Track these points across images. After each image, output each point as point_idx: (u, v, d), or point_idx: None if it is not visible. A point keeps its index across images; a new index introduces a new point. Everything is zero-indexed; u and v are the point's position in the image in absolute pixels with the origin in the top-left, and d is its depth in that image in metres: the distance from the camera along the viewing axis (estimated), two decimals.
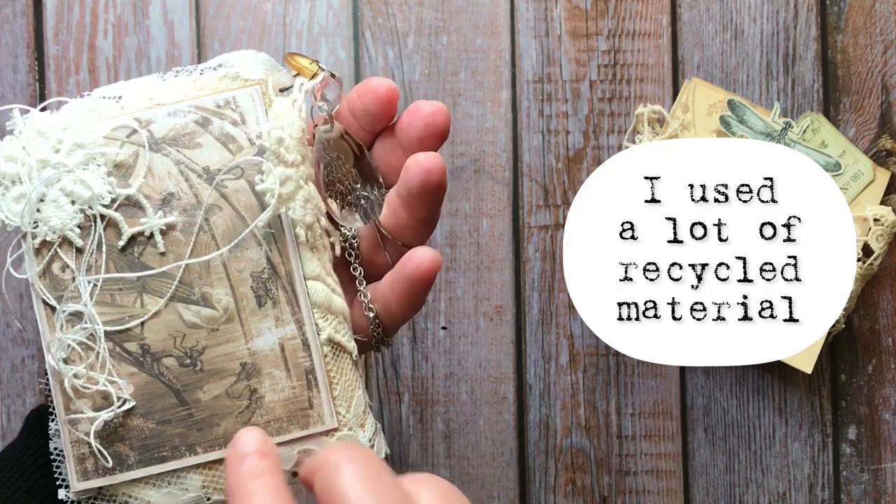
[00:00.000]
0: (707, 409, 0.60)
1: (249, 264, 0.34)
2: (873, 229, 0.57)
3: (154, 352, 0.34)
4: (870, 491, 0.60)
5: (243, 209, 0.34)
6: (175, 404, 0.34)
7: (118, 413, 0.34)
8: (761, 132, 0.58)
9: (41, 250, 0.34)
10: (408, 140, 0.35)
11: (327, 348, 0.35)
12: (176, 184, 0.34)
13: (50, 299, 0.34)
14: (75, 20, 0.59)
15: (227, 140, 0.34)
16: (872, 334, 0.60)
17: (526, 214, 0.60)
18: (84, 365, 0.33)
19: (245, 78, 0.35)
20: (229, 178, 0.34)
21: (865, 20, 0.61)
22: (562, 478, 0.59)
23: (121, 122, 0.34)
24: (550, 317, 0.60)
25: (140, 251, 0.34)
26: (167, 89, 0.35)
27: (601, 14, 0.60)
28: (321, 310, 0.35)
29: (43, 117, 0.34)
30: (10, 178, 0.34)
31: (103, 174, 0.34)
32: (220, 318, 0.34)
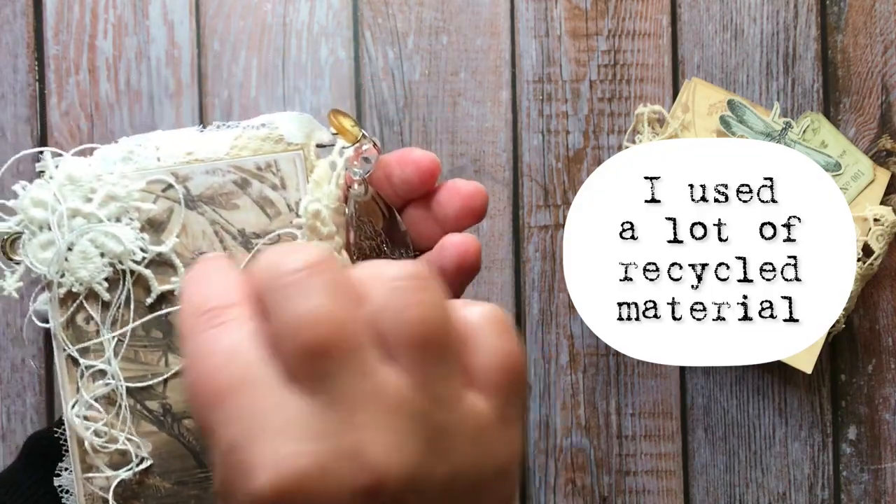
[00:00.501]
0: (707, 409, 0.60)
1: None
2: (873, 229, 0.57)
3: (175, 412, 0.33)
4: (870, 491, 0.60)
5: None
6: (193, 466, 0.34)
7: (135, 472, 0.33)
8: (761, 132, 0.58)
9: (66, 300, 0.33)
10: (443, 215, 0.35)
11: None
12: (210, 244, 0.34)
13: (72, 351, 0.33)
14: (75, 20, 0.59)
15: (266, 204, 0.34)
16: (872, 334, 0.60)
17: (526, 214, 0.60)
18: (103, 422, 0.33)
19: (288, 141, 0.34)
20: (265, 243, 0.34)
21: (865, 20, 0.61)
22: (562, 478, 0.59)
23: (157, 176, 0.34)
24: (550, 317, 0.60)
25: (168, 310, 0.33)
26: (206, 144, 0.34)
27: (601, 14, 0.60)
28: None
29: (76, 163, 0.34)
30: (38, 224, 0.33)
31: (136, 229, 0.33)
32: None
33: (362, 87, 0.59)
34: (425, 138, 0.60)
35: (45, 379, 0.58)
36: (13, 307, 0.58)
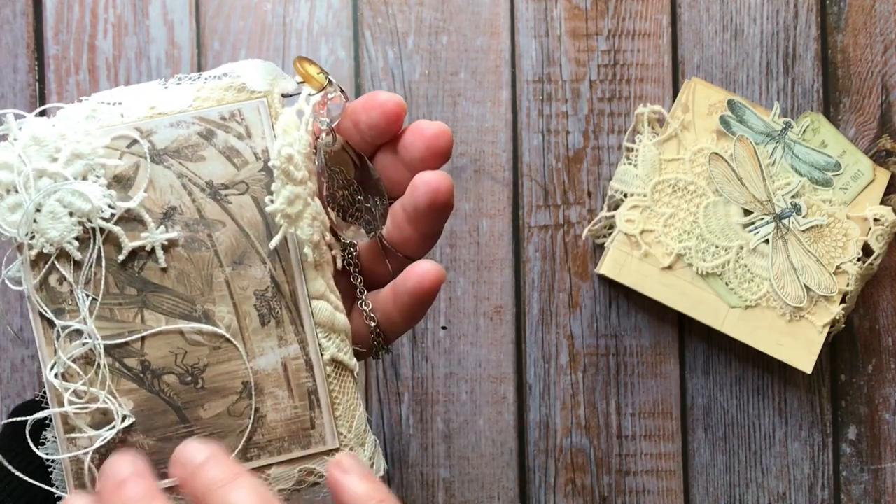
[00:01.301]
0: (707, 409, 0.60)
1: (253, 282, 0.34)
2: (873, 229, 0.57)
3: (154, 368, 0.33)
4: (870, 491, 0.60)
5: (247, 226, 0.34)
6: (176, 421, 0.34)
7: (118, 430, 0.33)
8: (761, 132, 0.58)
9: (38, 262, 0.33)
10: (409, 158, 0.35)
11: (330, 368, 0.34)
12: (178, 197, 0.33)
13: (48, 312, 0.33)
14: (75, 20, 0.59)
15: (232, 154, 0.34)
16: (872, 334, 0.60)
17: (526, 214, 0.60)
18: (83, 381, 0.33)
19: (251, 90, 0.34)
20: (233, 194, 0.34)
21: (865, 20, 0.61)
22: (562, 478, 0.59)
23: (121, 132, 0.33)
24: (550, 317, 0.60)
25: (140, 266, 0.33)
26: (169, 98, 0.34)
27: (601, 14, 0.60)
28: (324, 329, 0.34)
29: (39, 123, 0.33)
30: (5, 187, 0.33)
31: (103, 186, 0.33)
32: (223, 336, 0.34)
33: (362, 87, 0.59)
34: None
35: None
36: (13, 307, 0.58)
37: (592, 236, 0.59)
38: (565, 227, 0.60)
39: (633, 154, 0.58)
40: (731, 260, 0.57)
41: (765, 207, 0.57)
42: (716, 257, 0.57)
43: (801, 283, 0.57)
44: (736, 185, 0.57)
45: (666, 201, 0.57)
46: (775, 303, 0.57)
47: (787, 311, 0.57)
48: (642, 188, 0.57)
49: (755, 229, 0.57)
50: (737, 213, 0.57)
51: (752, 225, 0.57)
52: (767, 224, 0.57)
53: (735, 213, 0.57)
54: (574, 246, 0.60)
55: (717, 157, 0.57)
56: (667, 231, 0.57)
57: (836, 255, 0.57)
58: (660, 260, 0.57)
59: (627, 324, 0.60)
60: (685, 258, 0.57)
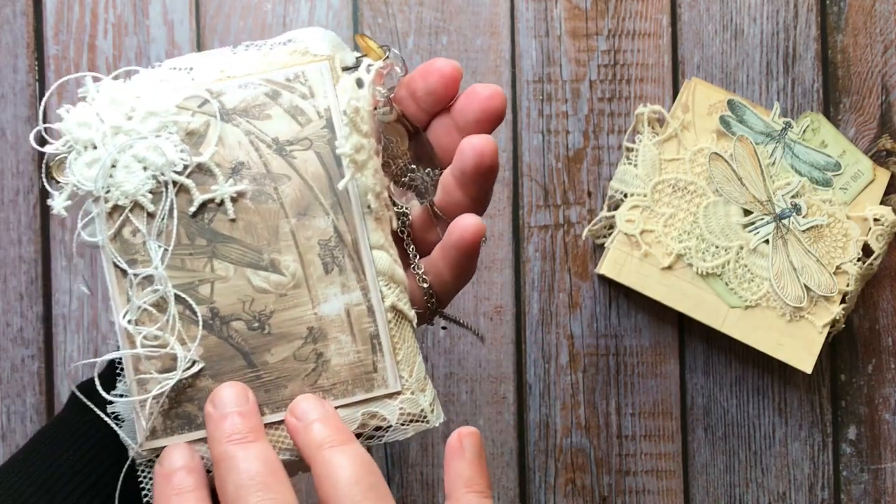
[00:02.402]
0: (707, 409, 0.60)
1: (317, 232, 0.35)
2: (873, 229, 0.57)
3: (223, 315, 0.35)
4: (870, 491, 0.60)
5: (311, 179, 0.35)
6: (243, 366, 0.35)
7: (187, 375, 0.34)
8: (761, 132, 0.58)
9: (112, 214, 0.34)
10: (464, 122, 0.36)
11: (391, 315, 0.36)
12: (246, 153, 0.35)
13: (121, 262, 0.34)
14: (75, 20, 0.59)
15: (297, 112, 0.35)
16: (872, 334, 0.60)
17: (526, 214, 0.60)
18: (155, 327, 0.34)
19: (314, 53, 0.36)
20: (298, 150, 0.35)
21: (865, 20, 0.61)
22: (562, 478, 0.59)
23: (193, 92, 0.35)
24: (550, 317, 0.60)
25: (210, 218, 0.35)
26: (237, 62, 0.36)
27: (601, 14, 0.60)
28: (385, 278, 0.36)
29: (115, 85, 0.35)
30: (83, 144, 0.34)
31: (176, 142, 0.34)
32: (288, 283, 0.35)
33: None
34: None
35: (45, 379, 0.58)
36: (13, 307, 0.58)
37: (592, 236, 0.59)
38: (565, 227, 0.60)
39: (633, 154, 0.58)
40: (731, 260, 0.57)
41: (765, 207, 0.57)
42: (716, 257, 0.57)
43: (801, 283, 0.57)
44: (736, 185, 0.57)
45: (666, 201, 0.57)
46: (775, 303, 0.57)
47: (787, 311, 0.57)
48: (642, 188, 0.57)
49: (755, 229, 0.57)
50: (737, 213, 0.57)
51: (752, 225, 0.57)
52: (767, 224, 0.57)
53: (735, 213, 0.57)
54: (574, 246, 0.60)
55: (717, 157, 0.57)
56: (667, 231, 0.57)
57: (836, 255, 0.57)
58: (660, 260, 0.57)
59: (627, 324, 0.60)
60: (685, 258, 0.57)
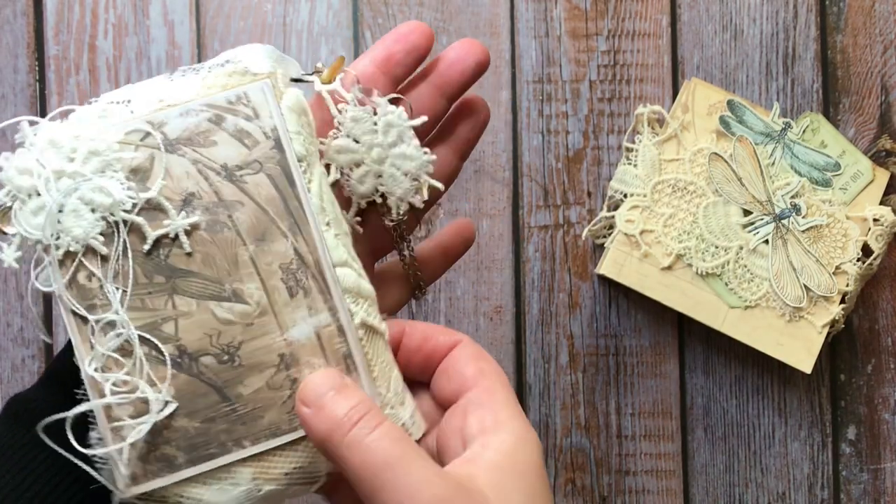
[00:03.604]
0: (707, 409, 0.60)
1: (277, 257, 0.34)
2: (873, 229, 0.57)
3: (191, 352, 0.34)
4: (869, 491, 0.60)
5: (265, 203, 0.34)
6: (217, 401, 0.34)
7: (161, 417, 0.34)
8: (761, 132, 0.58)
9: (65, 261, 0.33)
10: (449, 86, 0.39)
11: (362, 332, 0.35)
12: (195, 183, 0.34)
13: (80, 309, 0.33)
14: (75, 20, 0.59)
15: (243, 135, 0.35)
16: (872, 334, 0.60)
17: (526, 214, 0.60)
18: (123, 372, 0.33)
19: (254, 72, 0.35)
20: (248, 174, 0.34)
21: (865, 20, 0.61)
22: (562, 478, 0.59)
23: (133, 126, 0.34)
24: (550, 317, 0.60)
25: (166, 253, 0.34)
26: (176, 89, 0.35)
27: (601, 14, 0.60)
28: (352, 294, 0.35)
29: (53, 127, 0.34)
30: (27, 192, 0.33)
31: (121, 179, 0.34)
32: (254, 312, 0.34)
33: None
34: None
35: None
36: (13, 307, 0.58)
37: (592, 236, 0.59)
38: (565, 227, 0.60)
39: (633, 154, 0.58)
40: (731, 260, 0.57)
41: (764, 208, 0.57)
42: (715, 257, 0.57)
43: (800, 283, 0.57)
44: (736, 186, 0.57)
45: (666, 201, 0.57)
46: (775, 303, 0.57)
47: (787, 311, 0.57)
48: (642, 188, 0.57)
49: (755, 229, 0.57)
50: (736, 213, 0.57)
51: (751, 225, 0.57)
52: (767, 224, 0.57)
53: (735, 213, 0.57)
54: (574, 246, 0.60)
55: (716, 158, 0.57)
56: (666, 231, 0.57)
57: (836, 255, 0.57)
58: (659, 260, 0.57)
59: (627, 324, 0.60)
60: (685, 258, 0.57)
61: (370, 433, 0.32)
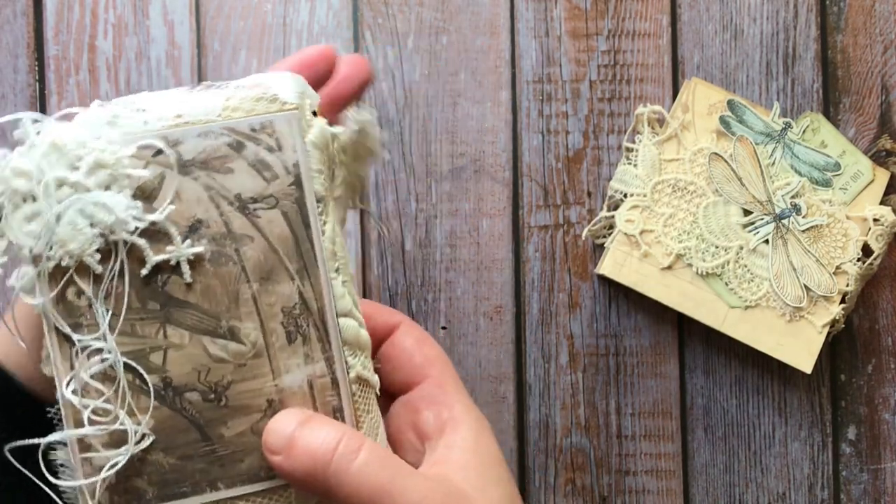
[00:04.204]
0: (707, 409, 0.60)
1: (280, 299, 0.33)
2: (873, 229, 0.57)
3: (176, 385, 0.32)
4: (869, 491, 0.60)
5: (276, 241, 0.33)
6: (197, 439, 0.33)
7: (138, 450, 0.32)
8: (761, 132, 0.58)
9: (55, 275, 0.31)
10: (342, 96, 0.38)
11: (355, 386, 0.34)
12: (205, 210, 0.32)
13: (64, 328, 0.31)
14: (75, 20, 0.59)
15: (262, 167, 0.32)
16: (872, 334, 0.60)
17: (526, 214, 0.60)
18: (102, 399, 0.32)
19: (283, 101, 0.33)
20: (262, 208, 0.32)
21: (865, 20, 0.61)
22: (561, 478, 0.59)
23: (147, 141, 0.32)
24: (550, 317, 0.60)
25: (164, 280, 0.32)
26: (196, 106, 0.33)
27: (601, 14, 0.60)
28: (350, 347, 0.34)
29: (58, 129, 0.32)
30: (22, 196, 0.31)
31: (127, 197, 0.31)
32: (248, 353, 0.33)
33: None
34: (425, 138, 0.60)
35: None
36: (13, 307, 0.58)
37: (592, 236, 0.59)
38: (565, 227, 0.60)
39: (633, 154, 0.58)
40: (731, 260, 0.57)
41: (764, 207, 0.57)
42: (715, 257, 0.57)
43: (800, 283, 0.57)
44: (736, 186, 0.57)
45: (666, 201, 0.57)
46: (775, 303, 0.57)
47: (787, 311, 0.57)
48: (642, 188, 0.57)
49: (755, 229, 0.57)
50: (736, 213, 0.57)
51: (751, 225, 0.57)
52: (767, 224, 0.57)
53: (735, 213, 0.57)
54: (574, 246, 0.60)
55: (716, 158, 0.57)
56: (667, 231, 0.57)
57: (836, 255, 0.57)
58: (659, 260, 0.57)
59: (627, 324, 0.60)
60: (685, 258, 0.57)
61: (354, 461, 0.31)
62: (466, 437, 0.33)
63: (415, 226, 0.59)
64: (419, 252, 0.59)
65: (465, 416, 0.34)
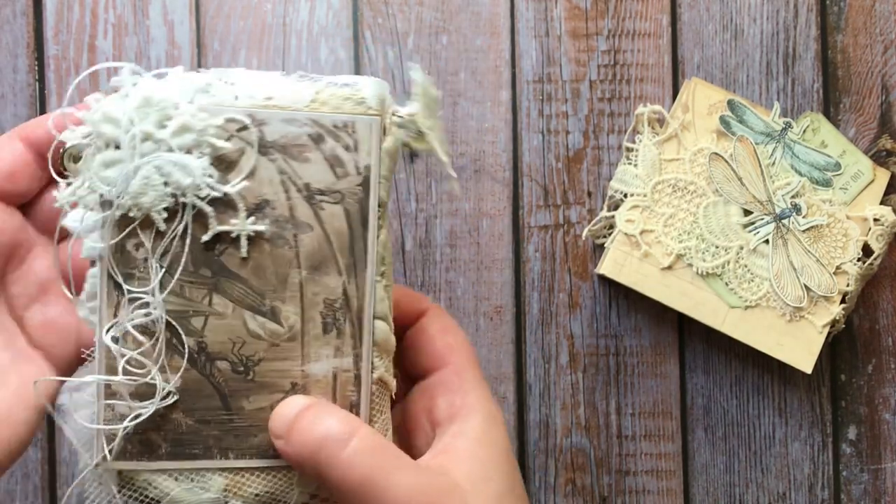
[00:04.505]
0: (707, 409, 0.60)
1: (325, 290, 0.34)
2: (873, 229, 0.57)
3: (210, 352, 0.34)
4: (870, 491, 0.60)
5: (333, 235, 0.34)
6: (218, 407, 0.34)
7: (163, 406, 0.33)
8: (761, 132, 0.58)
9: (120, 223, 0.33)
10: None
11: (375, 387, 0.35)
12: (274, 192, 0.33)
13: (118, 276, 0.33)
14: (75, 20, 0.59)
15: (336, 162, 0.34)
16: (872, 334, 0.60)
17: (526, 214, 0.60)
18: (138, 351, 0.33)
19: (368, 105, 0.34)
20: (328, 201, 0.34)
21: (865, 20, 0.61)
22: (562, 478, 0.59)
23: (234, 115, 0.33)
24: (550, 317, 0.60)
25: (221, 250, 0.33)
26: (286, 92, 0.34)
27: (601, 14, 0.60)
28: (379, 349, 0.35)
29: (155, 86, 0.33)
30: (106, 141, 0.32)
31: (206, 164, 0.33)
32: (284, 335, 0.34)
33: None
34: None
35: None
36: None
37: (592, 236, 0.59)
38: (565, 227, 0.60)
39: (633, 154, 0.58)
40: (731, 260, 0.57)
41: (765, 207, 0.57)
42: (716, 257, 0.57)
43: (801, 283, 0.57)
44: (736, 186, 0.57)
45: (666, 201, 0.57)
46: (775, 303, 0.57)
47: (787, 311, 0.57)
48: (642, 188, 0.57)
49: (755, 229, 0.57)
50: (737, 213, 0.57)
51: (752, 225, 0.57)
52: (767, 224, 0.57)
53: (735, 213, 0.57)
54: (574, 246, 0.60)
55: (717, 157, 0.57)
56: (667, 231, 0.57)
57: (836, 255, 0.57)
58: (660, 260, 0.57)
59: (627, 324, 0.60)
60: (685, 258, 0.57)
61: (346, 447, 0.31)
62: (476, 427, 0.33)
63: (415, 226, 0.59)
64: (419, 252, 0.59)
65: (477, 405, 0.34)
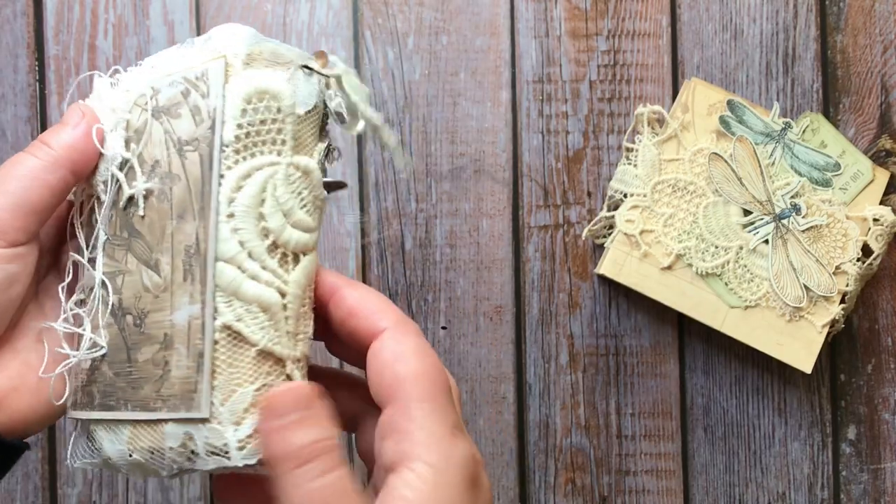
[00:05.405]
0: (707, 409, 0.60)
1: (185, 237, 0.34)
2: (873, 229, 0.57)
3: (124, 307, 0.35)
4: (869, 491, 0.60)
5: (192, 181, 0.34)
6: (125, 360, 0.35)
7: (88, 357, 0.36)
8: (761, 132, 0.58)
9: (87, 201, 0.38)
10: None
11: (221, 335, 0.32)
12: (160, 152, 0.35)
13: (82, 242, 0.38)
14: (75, 20, 0.59)
15: (196, 112, 0.34)
16: (872, 334, 0.60)
17: (526, 214, 0.60)
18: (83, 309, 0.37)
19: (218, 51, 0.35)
20: (190, 150, 0.34)
21: (865, 20, 0.61)
22: (561, 477, 0.59)
23: (142, 91, 0.37)
24: (550, 317, 0.60)
25: (133, 212, 0.36)
26: (177, 59, 0.36)
27: (601, 14, 0.60)
28: (226, 294, 0.33)
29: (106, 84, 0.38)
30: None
31: (122, 137, 0.36)
32: (161, 286, 0.34)
33: None
34: (425, 138, 0.60)
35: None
36: None
37: (592, 236, 0.59)
38: (565, 227, 0.60)
39: (633, 154, 0.58)
40: (731, 260, 0.57)
41: (764, 208, 0.57)
42: (715, 257, 0.57)
43: (800, 283, 0.57)
44: (735, 186, 0.57)
45: (666, 201, 0.57)
46: (775, 303, 0.57)
47: (787, 311, 0.57)
48: (642, 188, 0.57)
49: (755, 229, 0.57)
50: (736, 213, 0.57)
51: (751, 225, 0.57)
52: (767, 224, 0.57)
53: (735, 213, 0.57)
54: (574, 246, 0.60)
55: (716, 158, 0.57)
56: (666, 231, 0.57)
57: (836, 255, 0.57)
58: (659, 260, 0.57)
59: (627, 324, 0.60)
60: (685, 258, 0.57)
61: (317, 477, 0.29)
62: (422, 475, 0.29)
63: (415, 226, 0.59)
64: (419, 252, 0.59)
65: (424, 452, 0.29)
